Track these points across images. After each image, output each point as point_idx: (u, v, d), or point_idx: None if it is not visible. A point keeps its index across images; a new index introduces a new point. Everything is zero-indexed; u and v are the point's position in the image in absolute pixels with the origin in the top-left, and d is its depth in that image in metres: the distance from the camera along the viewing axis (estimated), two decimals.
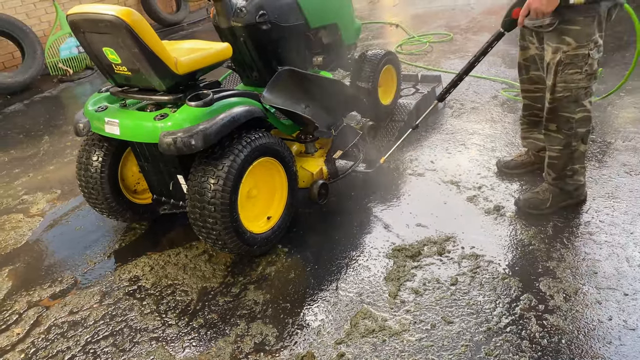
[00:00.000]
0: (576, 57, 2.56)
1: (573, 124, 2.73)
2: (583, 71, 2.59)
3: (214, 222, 2.55)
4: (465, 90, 4.81)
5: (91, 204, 3.11)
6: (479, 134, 3.93)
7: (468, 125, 4.11)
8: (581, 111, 2.70)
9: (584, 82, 2.62)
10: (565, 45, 2.55)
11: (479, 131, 3.99)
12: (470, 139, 3.88)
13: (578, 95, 2.65)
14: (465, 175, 3.41)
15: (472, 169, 3.48)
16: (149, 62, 2.44)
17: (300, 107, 3.15)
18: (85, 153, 2.99)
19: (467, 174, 3.42)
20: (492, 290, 2.44)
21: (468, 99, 4.62)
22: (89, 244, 3.24)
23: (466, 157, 3.64)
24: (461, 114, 4.35)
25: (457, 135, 3.97)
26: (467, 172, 3.44)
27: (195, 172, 2.59)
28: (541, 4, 2.42)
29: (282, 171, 2.92)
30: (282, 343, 2.32)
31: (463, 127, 4.10)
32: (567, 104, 2.68)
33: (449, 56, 5.78)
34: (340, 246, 2.91)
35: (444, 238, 2.83)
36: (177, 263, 2.94)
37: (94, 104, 2.86)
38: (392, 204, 3.23)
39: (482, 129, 4.02)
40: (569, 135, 2.76)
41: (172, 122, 2.51)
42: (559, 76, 2.63)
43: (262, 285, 2.69)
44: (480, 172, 3.43)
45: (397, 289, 2.52)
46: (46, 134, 5.23)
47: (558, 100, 2.69)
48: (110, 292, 2.78)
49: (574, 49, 2.55)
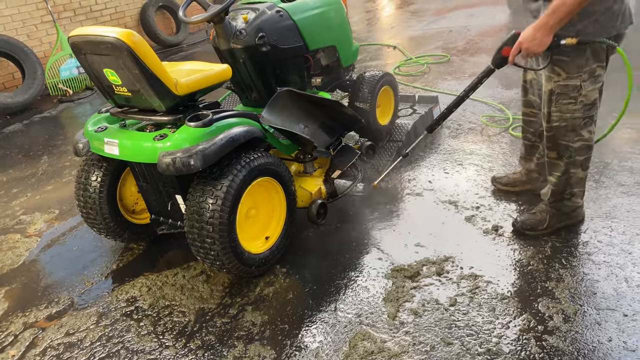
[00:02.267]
0: (567, 88, 2.54)
1: (572, 152, 2.71)
2: (578, 102, 2.55)
3: (212, 242, 2.55)
4: (462, 110, 4.84)
5: (89, 223, 3.10)
6: (476, 154, 3.96)
7: (465, 146, 4.14)
8: (580, 140, 2.66)
9: (580, 113, 2.58)
10: (556, 75, 2.54)
11: (476, 151, 4.01)
12: (467, 159, 3.90)
13: (575, 124, 2.62)
14: (463, 195, 3.42)
15: (470, 188, 3.50)
16: (150, 83, 2.47)
17: (299, 127, 3.17)
18: (84, 173, 3.00)
19: (465, 194, 3.43)
20: (491, 311, 2.43)
21: (465, 119, 4.65)
22: (86, 265, 3.23)
23: (464, 177, 3.66)
24: (458, 134, 4.38)
25: (454, 155, 4.00)
26: (465, 192, 3.46)
27: (194, 192, 2.59)
28: (532, 45, 2.40)
29: (280, 191, 2.93)
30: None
31: (460, 147, 4.13)
32: (565, 133, 2.66)
33: (446, 77, 5.83)
34: (338, 266, 2.90)
35: (443, 258, 2.83)
36: (174, 284, 2.93)
37: (93, 124, 2.88)
38: (390, 223, 3.24)
39: (479, 149, 4.04)
40: (568, 163, 2.74)
41: (172, 142, 2.52)
42: (554, 105, 2.61)
43: (260, 306, 2.67)
44: (478, 192, 3.44)
45: (396, 309, 2.50)
46: (45, 153, 5.24)
47: (555, 129, 2.67)
48: (107, 313, 2.76)
49: (564, 80, 2.53)
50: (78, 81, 7.36)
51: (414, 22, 8.89)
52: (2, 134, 6.03)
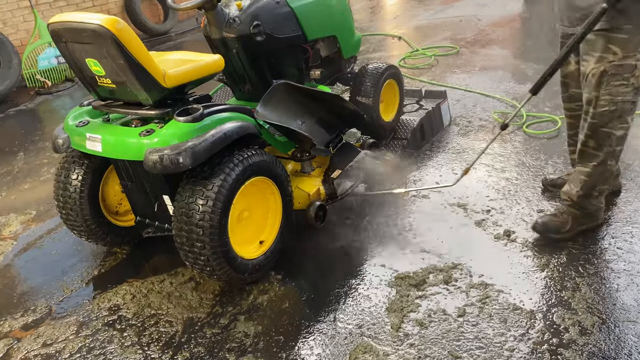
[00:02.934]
0: (621, 68, 2.55)
1: (613, 142, 2.72)
2: (630, 84, 2.57)
3: (201, 247, 2.55)
4: (472, 107, 4.86)
5: (69, 226, 3.10)
6: (487, 154, 3.95)
7: (476, 144, 4.15)
8: (623, 128, 2.68)
9: (630, 96, 2.60)
10: (611, 54, 2.55)
11: (487, 150, 3.96)
12: (478, 159, 3.89)
13: (623, 109, 2.63)
14: (473, 198, 3.43)
15: (481, 190, 3.50)
16: (135, 74, 2.47)
17: (296, 123, 3.17)
18: (64, 171, 2.99)
19: (475, 197, 3.44)
20: (502, 322, 2.44)
21: (476, 116, 4.67)
22: (65, 270, 3.22)
23: (474, 178, 3.65)
24: (468, 131, 4.39)
25: (464, 155, 4.01)
26: (475, 195, 3.46)
27: (183, 192, 2.60)
28: None
29: (276, 192, 2.93)
30: None
31: (470, 145, 4.14)
32: (611, 119, 2.66)
33: (454, 70, 5.85)
34: (338, 274, 2.90)
35: (451, 265, 2.84)
36: (161, 291, 2.93)
37: (74, 119, 2.87)
38: (394, 228, 3.24)
39: (490, 148, 4.03)
40: (607, 153, 2.74)
41: (159, 138, 2.52)
42: (604, 88, 2.61)
43: (253, 315, 2.67)
44: (489, 195, 3.45)
45: (400, 320, 2.51)
46: (21, 150, 5.23)
47: (600, 115, 2.66)
48: (88, 323, 2.76)
49: (620, 59, 2.54)
50: (58, 72, 7.35)
51: (420, 10, 8.91)
52: None
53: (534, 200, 3.34)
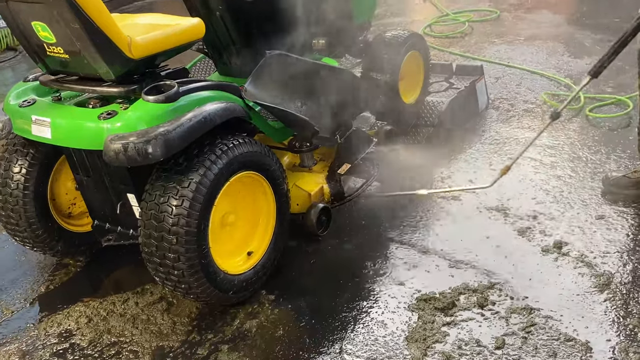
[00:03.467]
0: None
1: None
2: None
3: (175, 259, 2.55)
4: (515, 86, 4.85)
5: (9, 230, 3.11)
6: (534, 145, 3.89)
7: (519, 133, 4.13)
8: None
9: None
10: None
11: (534, 142, 4.00)
12: (522, 154, 3.89)
13: None
14: (516, 200, 3.42)
15: (525, 191, 3.49)
16: (94, 41, 2.47)
17: (294, 105, 3.17)
18: (4, 162, 3.00)
19: (519, 199, 3.43)
20: (551, 356, 2.43)
21: (520, 97, 4.66)
22: (4, 286, 3.23)
23: (517, 175, 3.63)
24: (510, 117, 4.38)
25: (504, 146, 3.99)
26: (518, 196, 3.45)
27: (152, 190, 2.60)
28: None
29: (268, 191, 2.94)
30: None
31: (512, 134, 4.11)
32: None
33: (493, 40, 5.83)
34: (345, 294, 2.90)
35: (487, 285, 2.83)
36: (124, 314, 2.93)
37: (17, 97, 2.88)
38: (416, 237, 3.24)
39: (538, 138, 4.00)
40: None
41: (123, 122, 2.52)
42: None
43: (239, 345, 2.67)
44: (536, 196, 3.44)
45: (423, 353, 2.50)
46: None
47: None
48: (32, 352, 2.76)
49: None
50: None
51: None
52: None
53: (592, 204, 3.33)
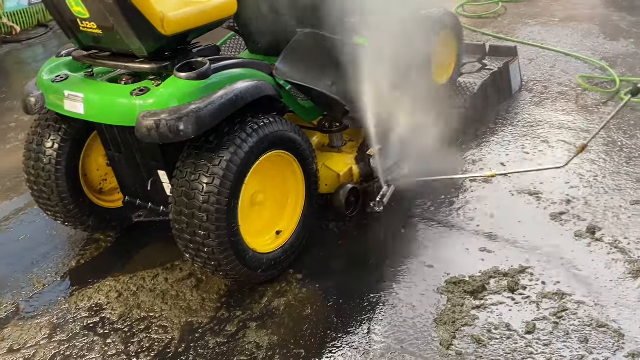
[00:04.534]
0: None
1: None
2: None
3: (205, 236, 2.57)
4: (549, 68, 4.80)
5: (42, 205, 3.14)
6: (567, 129, 3.92)
7: (553, 116, 4.09)
8: None
9: None
10: None
11: (567, 124, 3.96)
12: (555, 135, 3.86)
13: None
14: (549, 185, 3.39)
15: (559, 175, 3.46)
16: (127, 17, 2.47)
17: (324, 84, 3.16)
18: (36, 137, 3.02)
19: (552, 183, 3.40)
20: (582, 342, 2.42)
21: (554, 80, 4.60)
22: (36, 260, 3.28)
23: (550, 159, 3.62)
24: (543, 100, 4.33)
25: (537, 129, 3.96)
26: (551, 180, 3.42)
27: (183, 167, 2.61)
28: None
29: (298, 170, 2.93)
30: None
31: (546, 118, 4.08)
32: None
33: (527, 21, 5.76)
34: (374, 275, 2.90)
35: (518, 269, 2.82)
36: (154, 289, 2.96)
37: (50, 72, 2.90)
38: (446, 220, 3.23)
39: (572, 121, 4.00)
40: None
41: (155, 99, 2.53)
42: None
43: (267, 323, 2.69)
44: (569, 181, 3.41)
45: (452, 336, 2.50)
46: None
47: None
48: (63, 325, 2.81)
49: None
50: (28, 14, 7.43)
51: None
52: None
53: (627, 189, 3.29)
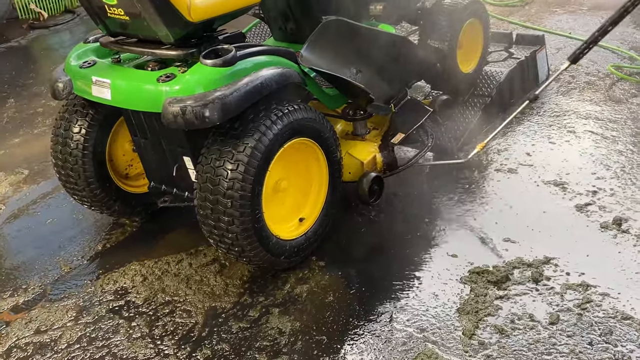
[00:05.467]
0: None
1: None
2: None
3: (229, 222, 2.59)
4: None
5: (69, 190, 3.18)
6: (595, 119, 3.87)
7: (580, 106, 4.04)
8: None
9: None
10: None
11: (595, 114, 3.92)
12: (582, 125, 3.82)
13: None
14: (575, 175, 3.36)
15: (585, 166, 3.43)
16: (154, 3, 2.47)
17: (350, 72, 3.15)
18: (64, 122, 3.05)
19: (578, 173, 3.37)
20: (607, 334, 2.40)
21: (581, 69, 4.54)
22: (63, 243, 3.32)
23: (577, 149, 3.59)
24: (570, 89, 4.28)
25: (564, 119, 3.91)
26: (577, 171, 3.39)
27: (208, 153, 2.62)
28: None
29: (322, 158, 2.93)
30: None
31: (573, 107, 4.04)
32: None
33: (555, 10, 5.69)
34: (396, 263, 2.90)
35: (542, 260, 2.80)
36: (178, 274, 2.99)
37: (78, 58, 2.92)
38: (470, 209, 3.21)
39: (600, 111, 3.95)
40: None
41: (181, 85, 2.54)
42: None
43: (289, 309, 2.71)
44: (596, 171, 3.37)
45: (475, 325, 2.50)
46: (11, 95, 5.39)
47: None
48: (89, 308, 2.85)
49: None
50: (55, 0, 7.47)
51: None
52: None
53: None
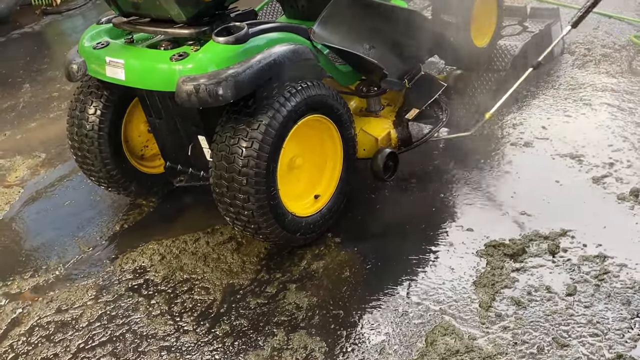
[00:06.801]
0: None
1: None
2: None
3: (245, 199, 2.60)
4: (593, 30, 4.67)
5: (85, 171, 3.20)
6: (611, 91, 3.84)
7: (596, 78, 4.01)
8: None
9: None
10: None
11: (611, 86, 3.88)
12: (598, 98, 3.79)
13: None
14: (591, 148, 3.33)
15: (601, 138, 3.40)
16: None
17: (363, 48, 3.13)
18: (79, 104, 3.06)
19: (594, 146, 3.34)
20: (624, 304, 2.39)
21: (597, 42, 4.49)
22: (81, 224, 3.35)
23: (593, 122, 3.56)
24: (586, 62, 4.24)
25: (580, 92, 3.88)
26: (593, 143, 3.37)
27: (223, 132, 2.63)
28: None
29: (336, 135, 2.93)
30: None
31: (589, 80, 4.00)
32: None
33: None
34: (412, 238, 2.90)
35: (559, 232, 2.79)
36: (195, 252, 3.01)
37: (91, 39, 2.92)
38: (486, 183, 3.20)
39: (616, 83, 3.92)
40: None
41: (194, 64, 2.54)
42: None
43: (306, 284, 2.72)
44: (612, 144, 3.34)
45: (492, 298, 2.50)
46: (27, 80, 5.41)
47: None
48: (108, 287, 2.88)
49: None
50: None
51: None
52: None
53: None
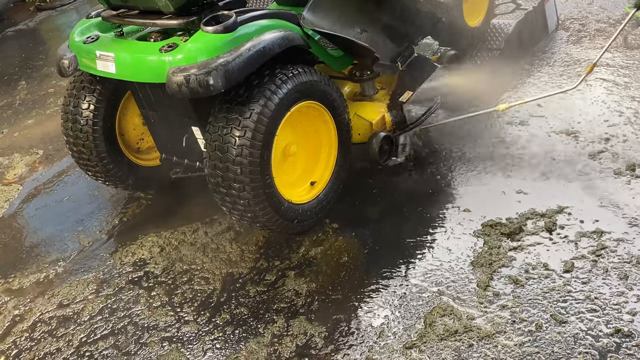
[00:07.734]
0: None
1: None
2: None
3: (240, 188, 2.60)
4: (587, 5, 4.64)
5: (82, 166, 3.20)
6: (606, 66, 3.82)
7: (591, 54, 3.98)
8: None
9: None
10: None
11: (606, 61, 3.86)
12: (594, 73, 3.71)
13: None
14: (587, 124, 3.32)
15: (597, 114, 3.39)
16: None
17: (354, 32, 3.12)
18: (72, 100, 3.06)
19: (590, 122, 3.33)
20: (622, 279, 2.39)
21: (591, 16, 4.47)
22: (81, 219, 3.37)
23: (588, 97, 3.55)
24: (581, 37, 4.22)
25: (575, 68, 3.87)
26: (589, 119, 3.35)
27: (215, 121, 2.62)
28: None
29: (329, 120, 2.92)
30: (333, 346, 2.36)
31: (584, 55, 3.99)
32: None
33: None
34: (409, 221, 2.90)
35: (555, 209, 2.78)
36: (194, 243, 3.02)
37: (81, 33, 2.92)
38: (482, 164, 3.19)
39: (611, 58, 3.90)
40: None
41: (183, 54, 2.53)
42: None
43: (305, 271, 2.73)
44: (608, 119, 3.33)
45: (489, 277, 2.50)
46: (23, 78, 5.42)
47: None
48: (109, 280, 2.89)
49: None
50: None
51: None
52: None
53: None
